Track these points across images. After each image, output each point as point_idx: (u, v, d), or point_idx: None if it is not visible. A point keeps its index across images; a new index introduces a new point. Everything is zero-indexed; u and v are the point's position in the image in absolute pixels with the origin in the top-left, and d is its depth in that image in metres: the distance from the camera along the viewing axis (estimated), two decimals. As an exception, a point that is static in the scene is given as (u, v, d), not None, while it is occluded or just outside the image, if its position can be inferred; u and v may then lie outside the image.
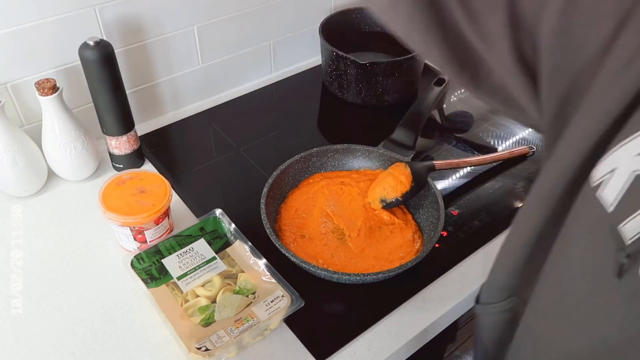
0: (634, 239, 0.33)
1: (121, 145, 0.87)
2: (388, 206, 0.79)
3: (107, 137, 0.86)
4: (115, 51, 0.80)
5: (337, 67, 1.04)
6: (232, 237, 0.76)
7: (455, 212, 0.84)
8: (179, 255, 0.73)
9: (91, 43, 0.77)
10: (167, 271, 0.71)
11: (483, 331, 0.64)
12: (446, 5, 0.44)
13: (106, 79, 0.79)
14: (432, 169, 0.81)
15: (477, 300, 0.56)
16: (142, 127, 1.01)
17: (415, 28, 0.47)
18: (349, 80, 1.04)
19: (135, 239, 0.75)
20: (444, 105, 1.05)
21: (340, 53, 1.01)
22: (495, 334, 0.60)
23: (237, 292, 0.69)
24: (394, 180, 0.80)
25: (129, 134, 0.86)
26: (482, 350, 0.62)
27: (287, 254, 0.71)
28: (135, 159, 0.90)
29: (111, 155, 0.90)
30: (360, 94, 1.05)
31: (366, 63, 0.99)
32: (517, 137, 1.00)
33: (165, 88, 1.02)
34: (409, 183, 0.78)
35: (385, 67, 1.01)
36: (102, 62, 0.77)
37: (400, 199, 0.78)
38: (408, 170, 0.80)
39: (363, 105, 1.07)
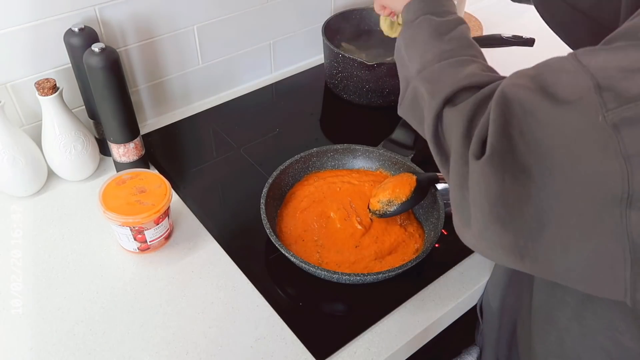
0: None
1: (128, 152, 0.86)
2: (384, 216, 0.79)
3: (114, 145, 0.85)
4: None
5: (343, 69, 1.04)
6: None
7: (455, 212, 0.84)
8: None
9: (97, 50, 0.75)
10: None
11: None
12: None
13: (112, 86, 0.78)
14: (436, 181, 0.81)
15: None
16: (141, 127, 1.01)
17: None
18: (355, 81, 1.04)
19: (135, 239, 0.75)
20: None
21: (347, 55, 1.01)
22: None
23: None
24: (400, 189, 0.79)
25: (135, 140, 0.86)
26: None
27: (287, 254, 0.71)
28: (141, 165, 0.89)
29: (117, 164, 0.88)
30: (367, 94, 1.05)
31: (373, 64, 0.99)
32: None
33: (165, 88, 1.02)
34: (410, 194, 0.78)
35: (392, 67, 1.01)
36: (108, 68, 0.76)
37: (398, 209, 0.78)
38: (414, 182, 0.79)
39: (368, 106, 1.07)
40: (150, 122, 1.03)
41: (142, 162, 0.89)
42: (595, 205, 0.36)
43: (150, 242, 0.76)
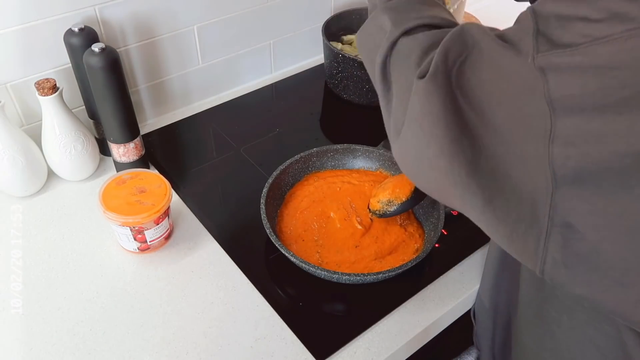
0: None
1: (129, 152, 0.86)
2: (384, 216, 0.79)
3: (114, 145, 0.85)
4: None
5: (343, 69, 1.04)
6: None
7: (455, 212, 0.84)
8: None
9: (97, 50, 0.75)
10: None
11: None
12: None
13: (112, 86, 0.78)
14: None
15: None
16: (141, 127, 1.01)
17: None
18: (355, 81, 1.04)
19: (135, 239, 0.75)
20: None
21: (347, 55, 1.01)
22: None
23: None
24: (400, 189, 0.79)
25: (135, 140, 0.86)
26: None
27: (287, 254, 0.71)
28: (141, 165, 0.89)
29: (117, 164, 0.88)
30: (367, 94, 1.05)
31: None
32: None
33: (165, 88, 1.02)
34: (410, 194, 0.78)
35: None
36: (108, 68, 0.76)
37: (398, 209, 0.78)
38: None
39: (368, 106, 1.07)
40: (150, 122, 1.03)
41: (142, 162, 0.89)
42: (521, 138, 0.39)
43: (150, 242, 0.76)
